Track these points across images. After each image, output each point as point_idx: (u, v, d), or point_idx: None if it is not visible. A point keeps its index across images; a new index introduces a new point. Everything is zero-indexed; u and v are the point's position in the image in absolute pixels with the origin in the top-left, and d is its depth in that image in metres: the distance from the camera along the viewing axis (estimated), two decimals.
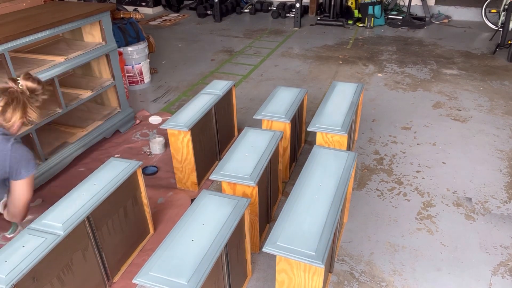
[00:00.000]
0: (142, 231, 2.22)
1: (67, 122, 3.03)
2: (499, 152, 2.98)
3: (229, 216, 1.67)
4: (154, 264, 1.45)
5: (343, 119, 2.42)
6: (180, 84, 4.33)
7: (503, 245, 2.17)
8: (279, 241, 1.54)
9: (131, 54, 4.03)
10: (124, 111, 3.31)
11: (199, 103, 2.66)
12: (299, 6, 6.14)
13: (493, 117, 3.47)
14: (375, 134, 3.26)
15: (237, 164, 2.04)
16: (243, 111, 3.67)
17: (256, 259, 2.13)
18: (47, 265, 1.55)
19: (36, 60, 2.66)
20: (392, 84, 4.18)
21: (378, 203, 2.50)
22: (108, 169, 2.00)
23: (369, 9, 6.19)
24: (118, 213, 1.97)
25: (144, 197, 2.16)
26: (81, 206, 1.74)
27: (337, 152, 2.09)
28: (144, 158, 3.00)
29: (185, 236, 1.57)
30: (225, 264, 1.66)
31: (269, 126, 2.57)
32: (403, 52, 5.13)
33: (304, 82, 4.29)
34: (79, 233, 1.72)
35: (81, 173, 2.83)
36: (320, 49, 5.33)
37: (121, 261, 2.06)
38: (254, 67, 4.76)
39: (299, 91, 2.83)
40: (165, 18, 7.17)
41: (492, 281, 1.97)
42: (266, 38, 5.90)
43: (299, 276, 1.57)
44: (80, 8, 2.85)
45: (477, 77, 4.28)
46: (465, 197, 2.53)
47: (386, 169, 2.82)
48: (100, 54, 2.93)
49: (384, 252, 2.14)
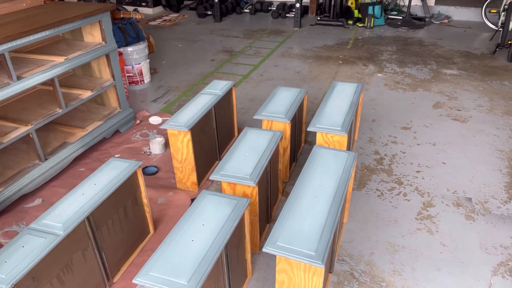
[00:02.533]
0: (142, 231, 2.22)
1: (67, 122, 3.04)
2: (499, 152, 2.98)
3: (229, 216, 1.67)
4: (154, 264, 1.45)
5: (343, 119, 2.42)
6: (180, 84, 4.33)
7: (503, 245, 2.17)
8: (279, 241, 1.54)
9: (131, 54, 4.03)
10: (124, 111, 3.31)
11: (199, 103, 2.66)
12: (299, 6, 6.14)
13: (493, 117, 3.47)
14: (375, 134, 3.26)
15: (237, 164, 2.04)
16: (243, 111, 3.67)
17: (256, 259, 2.13)
18: (47, 265, 1.56)
19: (36, 60, 2.66)
20: (392, 84, 4.18)
21: (378, 203, 2.50)
22: (109, 169, 2.00)
23: (369, 9, 6.19)
24: (118, 213, 1.97)
25: (144, 197, 2.16)
26: (81, 206, 1.74)
27: (337, 152, 2.09)
28: (144, 158, 3.00)
29: (185, 236, 1.57)
30: (225, 264, 1.66)
31: (269, 126, 2.57)
32: (403, 52, 5.13)
33: (304, 82, 4.29)
34: (79, 233, 1.72)
35: (81, 173, 2.83)
36: (320, 49, 5.33)
37: (121, 261, 2.06)
38: (254, 67, 4.76)
39: (299, 91, 2.84)
40: (165, 18, 7.17)
41: (492, 281, 1.97)
42: (266, 38, 5.90)
43: (299, 276, 1.58)
44: (80, 8, 2.85)
45: (477, 77, 4.28)
46: (465, 197, 2.53)
47: (386, 169, 2.82)
48: (100, 54, 2.93)
49: (384, 252, 2.14)
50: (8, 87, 2.33)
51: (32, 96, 2.96)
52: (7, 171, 2.54)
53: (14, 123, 2.52)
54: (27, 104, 2.82)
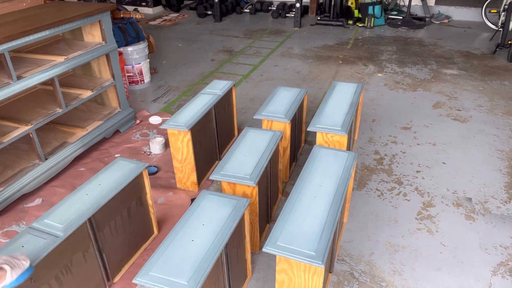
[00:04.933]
0: (145, 232, 2.21)
1: (67, 122, 3.03)
2: (499, 152, 2.98)
3: (229, 216, 1.67)
4: (154, 264, 1.45)
5: (343, 119, 2.42)
6: (180, 84, 4.33)
7: (503, 245, 2.17)
8: (279, 241, 1.54)
9: (131, 54, 4.03)
10: (124, 111, 3.31)
11: (199, 103, 2.66)
12: (299, 6, 6.14)
13: (493, 117, 3.47)
14: (375, 134, 3.26)
15: (237, 164, 2.04)
16: (243, 111, 3.67)
17: (256, 259, 2.13)
18: (46, 267, 1.55)
19: (36, 60, 2.66)
20: (392, 84, 4.18)
21: (378, 203, 2.50)
22: (114, 169, 1.98)
23: (369, 9, 6.19)
24: (121, 214, 1.96)
25: (149, 198, 2.15)
26: (84, 207, 1.74)
27: (337, 152, 2.09)
28: (144, 158, 3.00)
29: (185, 236, 1.57)
30: (225, 264, 1.66)
31: (269, 126, 2.57)
32: (403, 52, 5.13)
33: (304, 82, 4.29)
34: (80, 234, 1.71)
35: (81, 173, 2.83)
36: (320, 49, 5.33)
37: (123, 261, 2.06)
38: (254, 67, 4.76)
39: (299, 91, 2.83)
40: (165, 18, 7.17)
41: (492, 281, 1.97)
42: (266, 38, 5.90)
43: (299, 276, 1.57)
44: (80, 8, 2.85)
45: (477, 77, 4.28)
46: (465, 197, 2.53)
47: (386, 169, 2.82)
48: (100, 54, 2.93)
49: (384, 252, 2.14)
50: (8, 87, 2.33)
51: (32, 95, 2.96)
52: (7, 171, 2.54)
53: (14, 123, 2.52)
54: (27, 103, 2.82)
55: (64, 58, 2.67)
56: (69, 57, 2.69)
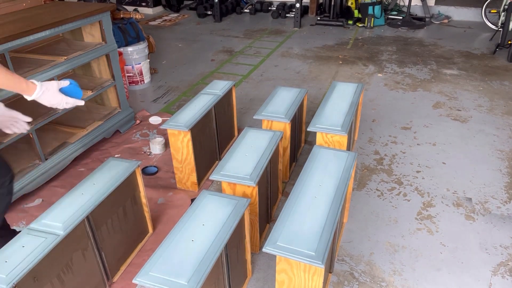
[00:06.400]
0: (141, 231, 2.22)
1: (67, 122, 3.03)
2: (499, 152, 2.98)
3: (229, 216, 1.67)
4: (154, 264, 1.45)
5: (343, 119, 2.42)
6: (180, 84, 4.33)
7: (503, 245, 2.17)
8: (279, 241, 1.54)
9: (131, 54, 4.03)
10: (124, 111, 3.31)
11: (199, 103, 2.66)
12: (299, 6, 6.14)
13: (493, 117, 3.47)
14: (375, 134, 3.26)
15: (237, 164, 2.04)
16: (243, 111, 3.67)
17: (256, 259, 2.13)
18: (48, 265, 1.56)
19: (36, 60, 2.66)
20: (392, 84, 4.18)
21: (378, 203, 2.50)
22: (107, 169, 2.00)
23: (369, 9, 6.19)
24: (117, 212, 1.97)
25: (143, 197, 2.16)
26: (81, 206, 1.74)
27: (337, 152, 2.09)
28: (144, 158, 3.00)
29: (185, 236, 1.57)
30: (225, 264, 1.66)
31: (269, 126, 2.57)
32: (403, 52, 5.13)
33: (304, 82, 4.29)
34: (79, 233, 1.72)
35: (81, 173, 2.83)
36: (320, 49, 5.33)
37: (121, 260, 2.06)
38: (254, 67, 4.76)
39: (299, 91, 2.83)
40: (165, 18, 7.18)
41: (492, 281, 1.97)
42: (266, 38, 5.90)
43: (299, 276, 1.57)
44: (80, 8, 2.85)
45: (477, 77, 4.28)
46: (465, 197, 2.53)
47: (386, 169, 2.82)
48: (100, 54, 2.93)
49: (384, 252, 2.14)
50: None
51: None
52: None
53: None
54: (27, 104, 2.81)
55: (64, 59, 2.67)
56: (69, 57, 2.69)
